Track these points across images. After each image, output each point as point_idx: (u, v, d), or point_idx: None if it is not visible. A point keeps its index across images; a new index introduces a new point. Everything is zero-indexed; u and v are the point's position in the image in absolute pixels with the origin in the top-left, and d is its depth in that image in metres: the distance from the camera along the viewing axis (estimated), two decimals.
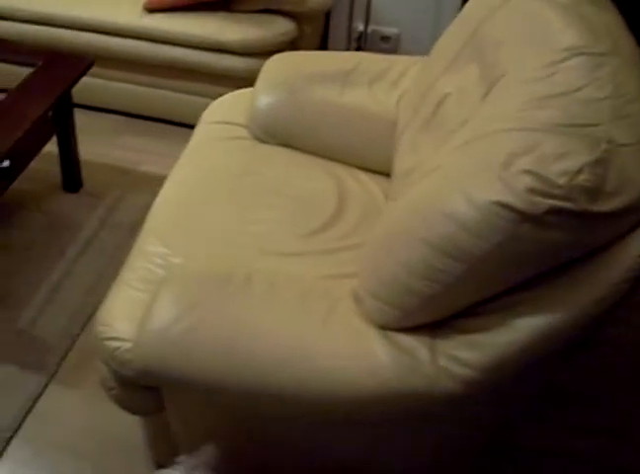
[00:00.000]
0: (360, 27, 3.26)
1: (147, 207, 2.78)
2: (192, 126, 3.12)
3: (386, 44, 3.30)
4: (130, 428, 2.04)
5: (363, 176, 2.28)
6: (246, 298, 1.62)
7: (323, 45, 3.35)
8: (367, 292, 1.60)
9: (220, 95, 3.00)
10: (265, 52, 2.94)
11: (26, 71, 2.55)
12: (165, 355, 1.56)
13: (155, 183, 2.90)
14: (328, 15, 3.26)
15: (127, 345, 1.65)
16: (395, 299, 1.53)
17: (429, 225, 1.46)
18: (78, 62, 2.58)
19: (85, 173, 2.89)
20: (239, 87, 2.94)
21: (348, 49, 3.35)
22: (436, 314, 1.53)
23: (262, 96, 2.35)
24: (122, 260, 2.56)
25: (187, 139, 3.06)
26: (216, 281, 1.66)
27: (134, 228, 2.69)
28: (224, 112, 2.46)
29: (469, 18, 2.09)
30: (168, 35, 2.96)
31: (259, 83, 2.39)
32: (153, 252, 1.90)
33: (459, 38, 2.08)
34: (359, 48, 3.33)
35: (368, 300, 1.59)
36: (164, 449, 1.91)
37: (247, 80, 2.93)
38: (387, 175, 2.28)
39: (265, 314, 1.59)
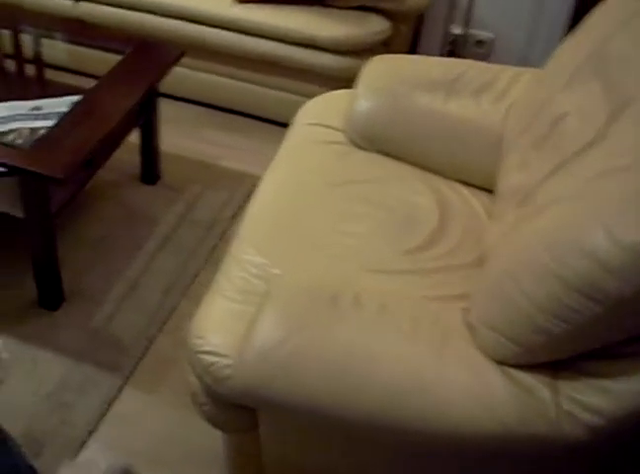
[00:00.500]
0: (456, 30, 3.18)
1: (226, 205, 2.76)
2: (277, 123, 3.10)
3: (480, 49, 3.23)
4: (210, 437, 2.00)
5: (464, 190, 2.21)
6: (357, 321, 1.56)
7: (412, 47, 3.28)
8: (483, 322, 1.55)
9: (308, 93, 2.97)
10: (357, 51, 2.89)
11: (114, 58, 2.53)
12: (269, 376, 1.51)
13: (235, 179, 2.88)
14: (420, 16, 3.18)
15: (225, 361, 1.60)
16: (516, 334, 1.47)
17: (563, 260, 1.39)
18: (168, 52, 2.54)
19: (163, 165, 2.86)
20: (327, 85, 2.91)
21: (441, 53, 3.28)
22: (560, 353, 1.47)
23: (362, 100, 2.28)
24: (201, 259, 2.54)
25: (270, 136, 3.03)
26: (324, 300, 1.61)
27: (213, 226, 2.67)
28: (320, 113, 2.40)
29: (593, 31, 2.01)
30: (258, 26, 2.91)
31: (360, 86, 2.33)
32: (250, 261, 1.85)
33: (580, 52, 2.00)
34: (451, 52, 3.25)
35: (484, 331, 1.54)
36: (248, 466, 1.86)
37: (336, 79, 2.90)
38: (488, 190, 2.22)
39: (377, 340, 1.53)
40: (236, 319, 1.69)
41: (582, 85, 1.92)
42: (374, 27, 2.89)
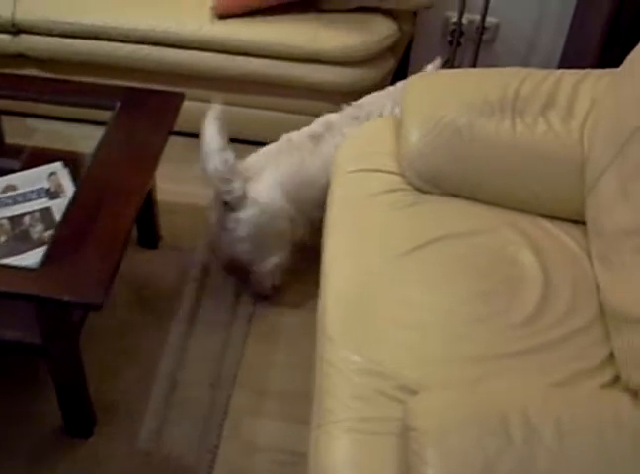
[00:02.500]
0: (455, 17, 2.88)
1: None
2: None
3: (484, 36, 2.94)
4: None
5: (550, 226, 1.99)
6: (546, 459, 1.31)
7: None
8: None
9: (314, 110, 2.64)
10: (365, 60, 2.58)
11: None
12: None
13: None
14: None
15: None
16: None
17: None
18: (165, 98, 2.16)
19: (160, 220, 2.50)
20: (335, 101, 2.60)
21: (441, 44, 2.98)
22: None
23: (415, 133, 2.00)
24: (240, 333, 2.20)
25: None
26: (492, 430, 1.35)
27: (239, 290, 2.34)
28: (363, 155, 2.10)
29: None
30: (245, 44, 2.56)
31: (407, 116, 2.04)
32: (358, 371, 1.58)
33: None
34: (452, 42, 2.96)
35: None
36: None
37: (345, 94, 2.59)
38: (570, 221, 1.98)
39: None
40: (378, 457, 1.44)
41: None
42: (382, 30, 2.58)
